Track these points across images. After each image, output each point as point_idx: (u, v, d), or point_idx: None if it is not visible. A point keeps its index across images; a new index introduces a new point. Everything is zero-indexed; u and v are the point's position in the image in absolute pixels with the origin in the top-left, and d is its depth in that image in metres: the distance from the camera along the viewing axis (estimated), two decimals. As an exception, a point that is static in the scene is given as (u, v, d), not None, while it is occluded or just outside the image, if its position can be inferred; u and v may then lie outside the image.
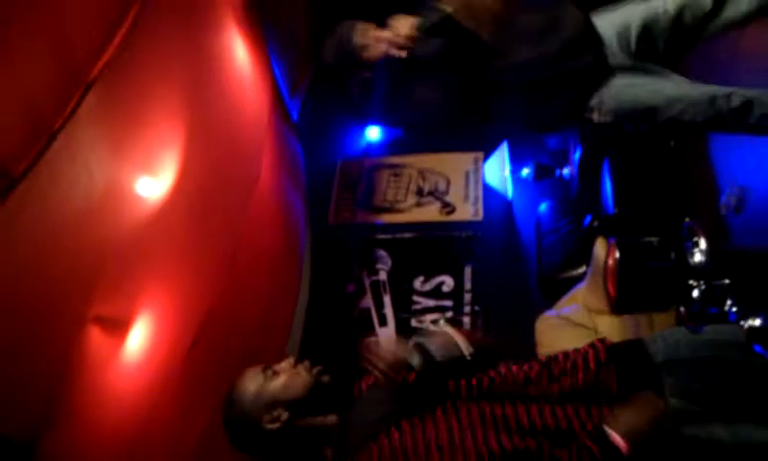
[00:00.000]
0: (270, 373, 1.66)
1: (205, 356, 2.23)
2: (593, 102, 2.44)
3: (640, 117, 2.46)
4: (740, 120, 2.36)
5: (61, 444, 1.74)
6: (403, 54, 2.43)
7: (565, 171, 3.65)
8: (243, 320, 2.42)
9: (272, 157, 2.97)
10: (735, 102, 2.31)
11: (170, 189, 2.20)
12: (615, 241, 1.79)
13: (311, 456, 1.64)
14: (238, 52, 2.94)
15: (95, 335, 1.84)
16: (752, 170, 2.96)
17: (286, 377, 1.65)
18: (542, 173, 3.64)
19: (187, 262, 2.26)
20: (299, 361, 1.69)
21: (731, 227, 2.86)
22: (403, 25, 2.43)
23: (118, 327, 1.92)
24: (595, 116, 2.47)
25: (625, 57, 2.47)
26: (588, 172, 3.46)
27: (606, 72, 2.44)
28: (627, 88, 2.43)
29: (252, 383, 1.65)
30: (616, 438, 1.45)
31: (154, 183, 2.18)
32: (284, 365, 1.68)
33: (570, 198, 3.54)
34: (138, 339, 1.98)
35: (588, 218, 3.25)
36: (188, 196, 2.25)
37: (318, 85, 3.78)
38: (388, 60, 2.45)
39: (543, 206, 3.63)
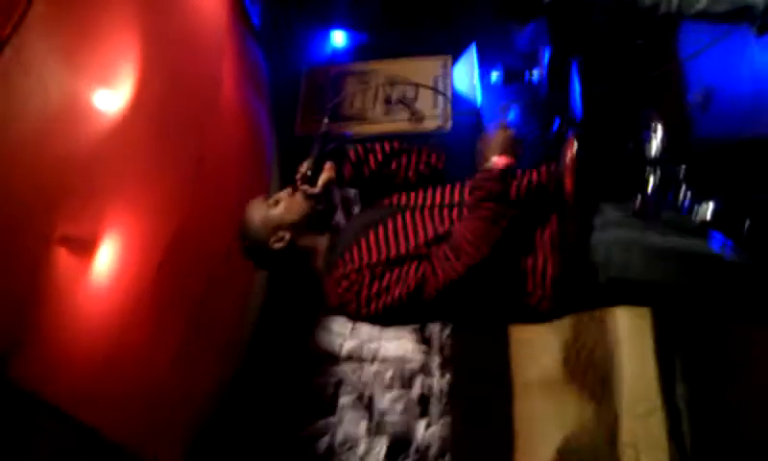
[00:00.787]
0: (272, 201, 1.93)
1: (175, 273, 2.20)
2: None
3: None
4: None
5: (33, 363, 1.73)
6: None
7: (534, 74, 3.60)
8: (212, 231, 2.38)
9: (233, 64, 2.87)
10: None
11: (129, 100, 2.13)
12: (573, 134, 1.80)
13: (307, 270, 1.93)
14: (194, -45, 2.79)
15: (61, 255, 1.80)
16: (719, 70, 2.96)
17: (286, 203, 1.92)
18: (512, 77, 3.58)
19: (151, 175, 2.19)
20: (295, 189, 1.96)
21: (695, 123, 2.89)
22: None
23: (85, 246, 1.89)
24: None
25: None
26: (557, 74, 3.43)
27: None
28: None
29: (257, 212, 1.93)
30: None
31: (112, 95, 2.09)
32: (283, 194, 1.95)
33: (539, 101, 3.50)
34: (106, 258, 1.94)
35: (557, 121, 3.23)
36: (148, 106, 2.18)
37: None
38: None
39: (512, 112, 3.60)
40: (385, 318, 1.77)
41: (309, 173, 1.97)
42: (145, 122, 2.16)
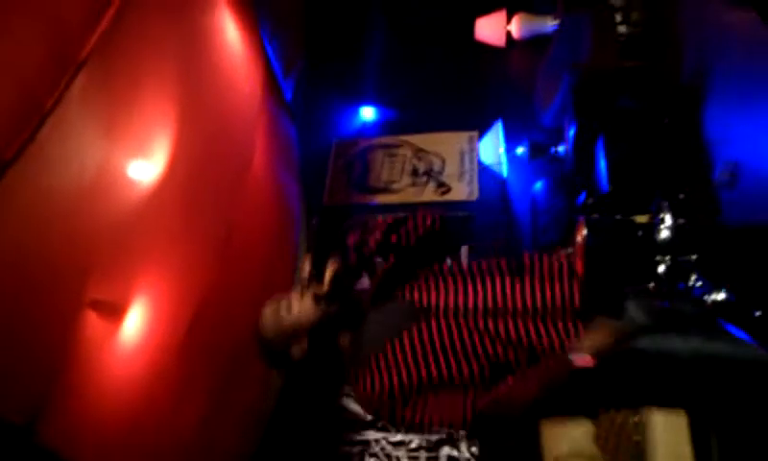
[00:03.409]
0: (284, 307, 1.87)
1: (200, 342, 2.22)
2: None
3: None
4: None
5: (59, 426, 1.75)
6: None
7: (560, 149, 3.63)
8: (238, 304, 2.40)
9: (265, 138, 2.95)
10: None
11: (162, 171, 2.19)
12: (584, 219, 1.81)
13: (331, 368, 1.92)
14: (230, 32, 2.91)
15: (91, 319, 1.84)
16: (745, 145, 2.96)
17: (298, 308, 1.86)
18: (537, 151, 3.62)
19: (181, 245, 2.24)
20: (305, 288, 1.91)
21: (723, 203, 2.86)
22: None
23: (114, 312, 1.92)
24: None
25: None
26: (583, 150, 3.46)
27: None
28: None
29: (272, 320, 1.88)
30: (580, 360, 1.68)
31: (146, 166, 2.16)
32: (294, 297, 1.89)
33: (565, 176, 3.53)
34: (134, 323, 1.97)
35: (583, 196, 3.24)
36: (181, 178, 2.24)
37: (312, 65, 3.76)
38: None
39: (538, 185, 3.62)
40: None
41: (312, 272, 1.94)
42: (177, 192, 2.21)
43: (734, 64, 2.94)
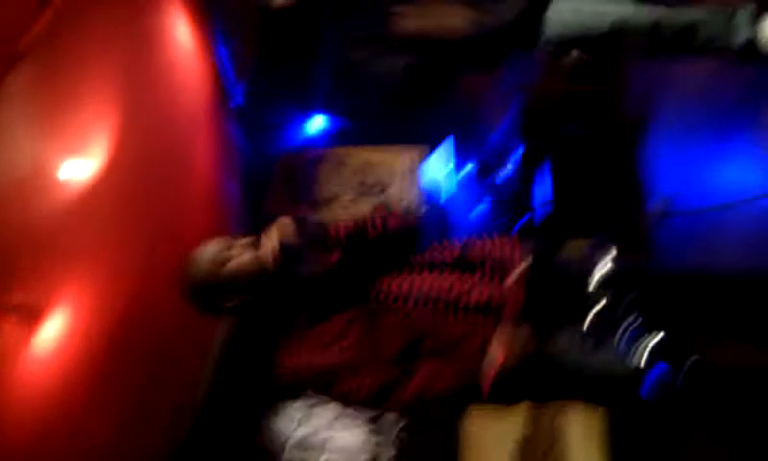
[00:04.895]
0: (226, 250, 1.79)
1: (119, 353, 2.19)
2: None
3: (582, 43, 2.51)
4: (683, 44, 2.34)
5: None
6: None
7: (505, 170, 3.69)
8: (165, 310, 2.38)
9: (209, 142, 2.93)
10: (679, 26, 2.31)
11: (97, 174, 2.16)
12: (528, 245, 1.83)
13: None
14: (180, 32, 2.88)
15: (6, 324, 1.80)
16: (680, 179, 3.04)
17: (240, 260, 1.78)
18: (484, 171, 3.67)
19: (110, 249, 2.21)
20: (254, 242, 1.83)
21: (655, 238, 2.94)
22: None
23: (30, 316, 1.88)
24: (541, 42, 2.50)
25: None
26: (528, 171, 3.51)
27: None
28: (572, 13, 2.47)
29: (208, 259, 1.79)
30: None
31: (80, 166, 2.13)
32: (235, 248, 1.81)
33: (507, 198, 3.58)
34: (51, 329, 1.94)
35: (523, 220, 3.29)
36: (116, 182, 2.21)
37: (264, 69, 3.73)
38: None
39: (480, 206, 3.67)
40: None
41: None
42: (110, 196, 2.19)
43: (681, 100, 3.01)
